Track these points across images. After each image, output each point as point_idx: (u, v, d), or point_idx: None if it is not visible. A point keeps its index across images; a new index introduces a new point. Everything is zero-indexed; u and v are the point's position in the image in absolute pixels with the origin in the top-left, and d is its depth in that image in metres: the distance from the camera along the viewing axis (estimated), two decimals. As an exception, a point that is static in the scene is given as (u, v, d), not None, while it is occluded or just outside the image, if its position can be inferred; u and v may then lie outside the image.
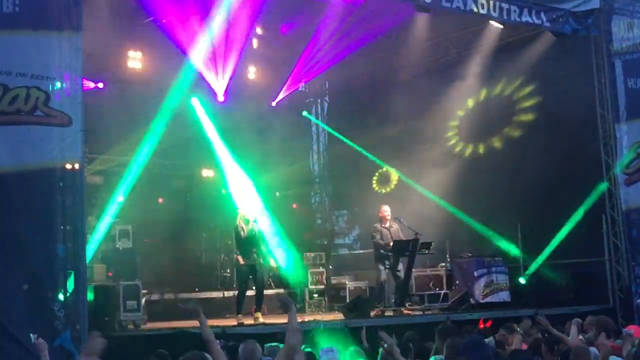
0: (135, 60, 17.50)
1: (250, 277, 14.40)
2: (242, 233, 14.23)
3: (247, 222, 14.30)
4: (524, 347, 9.49)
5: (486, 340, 9.90)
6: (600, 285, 16.15)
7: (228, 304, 15.55)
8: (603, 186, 16.21)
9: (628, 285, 15.81)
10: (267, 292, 16.63)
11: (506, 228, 17.26)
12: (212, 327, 11.40)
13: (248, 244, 14.30)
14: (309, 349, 8.53)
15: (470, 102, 18.53)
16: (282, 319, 13.95)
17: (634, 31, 16.50)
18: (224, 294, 16.37)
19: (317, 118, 22.26)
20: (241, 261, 14.23)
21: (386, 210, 15.88)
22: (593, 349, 8.92)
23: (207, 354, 6.67)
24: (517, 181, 17.40)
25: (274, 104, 19.68)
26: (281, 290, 17.53)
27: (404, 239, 15.56)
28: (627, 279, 15.86)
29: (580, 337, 10.02)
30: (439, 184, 17.96)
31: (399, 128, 19.55)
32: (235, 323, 13.35)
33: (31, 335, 7.90)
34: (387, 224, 15.75)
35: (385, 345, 7.53)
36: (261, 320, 13.81)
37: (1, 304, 10.09)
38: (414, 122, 19.10)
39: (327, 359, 7.31)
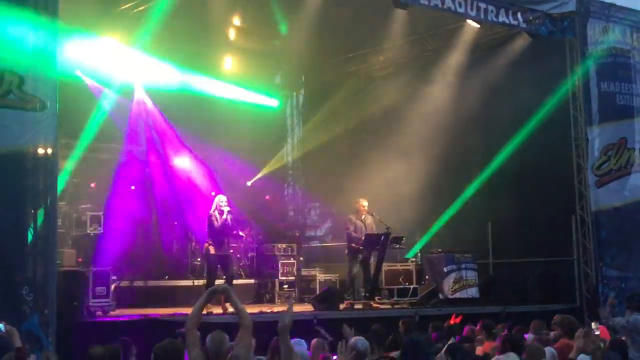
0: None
1: (220, 267, 14.42)
2: (215, 223, 14.25)
3: (222, 212, 14.31)
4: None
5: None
6: (567, 284, 16.32)
7: (197, 293, 15.51)
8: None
9: (595, 285, 15.99)
10: (237, 282, 16.70)
11: (477, 225, 17.39)
12: (182, 315, 11.55)
13: (220, 234, 14.33)
14: None
15: (444, 99, 18.58)
16: (251, 309, 14.03)
17: (608, 35, 16.69)
18: (193, 283, 16.35)
19: (292, 111, 22.30)
20: (212, 251, 14.26)
21: (364, 203, 15.91)
22: (549, 348, 9.02)
23: (180, 343, 6.67)
24: (488, 179, 17.53)
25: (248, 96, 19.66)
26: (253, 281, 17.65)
27: (377, 232, 15.65)
28: (595, 279, 16.04)
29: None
30: (411, 179, 18.04)
31: (374, 123, 19.63)
32: (204, 312, 13.33)
33: (1, 323, 7.88)
34: (362, 217, 15.81)
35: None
36: (230, 310, 13.81)
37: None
38: (389, 117, 19.17)
39: (297, 350, 7.32)
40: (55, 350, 10.22)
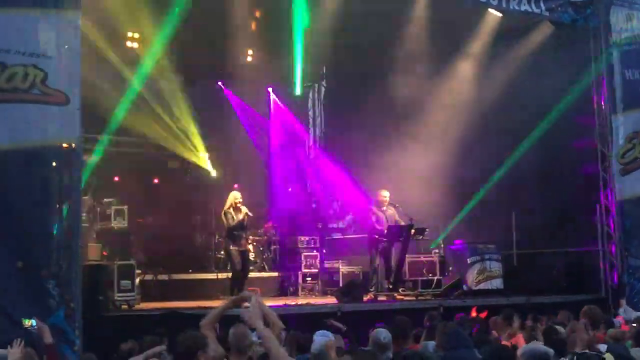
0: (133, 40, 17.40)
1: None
2: (232, 220, 14.48)
3: (238, 209, 14.45)
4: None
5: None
6: (592, 274, 16.21)
7: (221, 286, 15.60)
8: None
9: (620, 275, 15.89)
10: (260, 275, 16.86)
11: (501, 215, 17.32)
12: (207, 308, 11.58)
13: (238, 229, 14.48)
14: None
15: (466, 89, 18.50)
16: (275, 302, 14.08)
17: (632, 22, 16.51)
18: (217, 276, 16.40)
19: (313, 102, 22.27)
20: (231, 246, 14.46)
21: (385, 195, 15.90)
22: None
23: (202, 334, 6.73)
24: (512, 169, 17.45)
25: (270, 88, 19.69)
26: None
27: (400, 223, 15.61)
28: (620, 269, 15.94)
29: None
30: (434, 169, 17.99)
31: (396, 113, 19.55)
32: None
33: (33, 319, 7.94)
34: (384, 209, 15.80)
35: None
36: (246, 304, 13.93)
37: (-5, 281, 10.14)
38: (410, 107, 19.08)
39: (321, 342, 7.34)
40: (82, 344, 10.31)
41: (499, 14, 16.24)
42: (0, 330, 9.68)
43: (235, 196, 14.64)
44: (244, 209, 14.53)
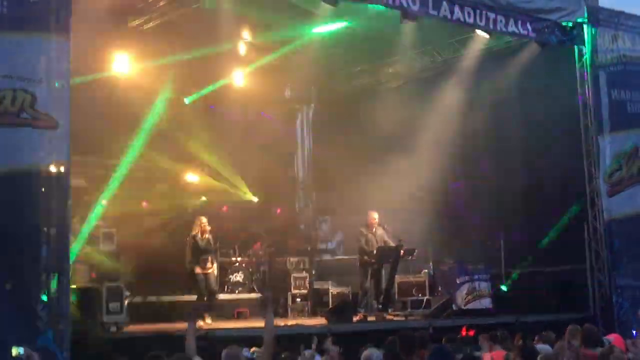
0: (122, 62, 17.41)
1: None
2: (200, 243, 15.05)
3: (204, 232, 15.02)
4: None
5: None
6: (581, 293, 16.25)
7: (209, 308, 15.57)
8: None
9: (609, 294, 15.93)
10: (250, 296, 16.82)
11: (489, 235, 17.36)
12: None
13: (202, 253, 14.99)
14: None
15: (454, 110, 18.57)
16: (262, 322, 14.04)
17: (618, 43, 16.65)
18: (205, 298, 16.34)
19: (302, 124, 22.33)
20: (197, 270, 15.00)
21: (374, 216, 15.95)
22: None
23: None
24: (500, 190, 17.51)
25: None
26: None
27: (389, 244, 15.64)
28: (608, 288, 15.98)
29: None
30: (422, 190, 18.04)
31: (384, 135, 19.61)
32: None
33: (21, 347, 7.93)
34: (373, 230, 15.83)
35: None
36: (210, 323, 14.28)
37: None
38: (399, 129, 19.15)
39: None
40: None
41: (487, 35, 16.32)
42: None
43: (201, 220, 15.23)
44: (208, 229, 15.03)
